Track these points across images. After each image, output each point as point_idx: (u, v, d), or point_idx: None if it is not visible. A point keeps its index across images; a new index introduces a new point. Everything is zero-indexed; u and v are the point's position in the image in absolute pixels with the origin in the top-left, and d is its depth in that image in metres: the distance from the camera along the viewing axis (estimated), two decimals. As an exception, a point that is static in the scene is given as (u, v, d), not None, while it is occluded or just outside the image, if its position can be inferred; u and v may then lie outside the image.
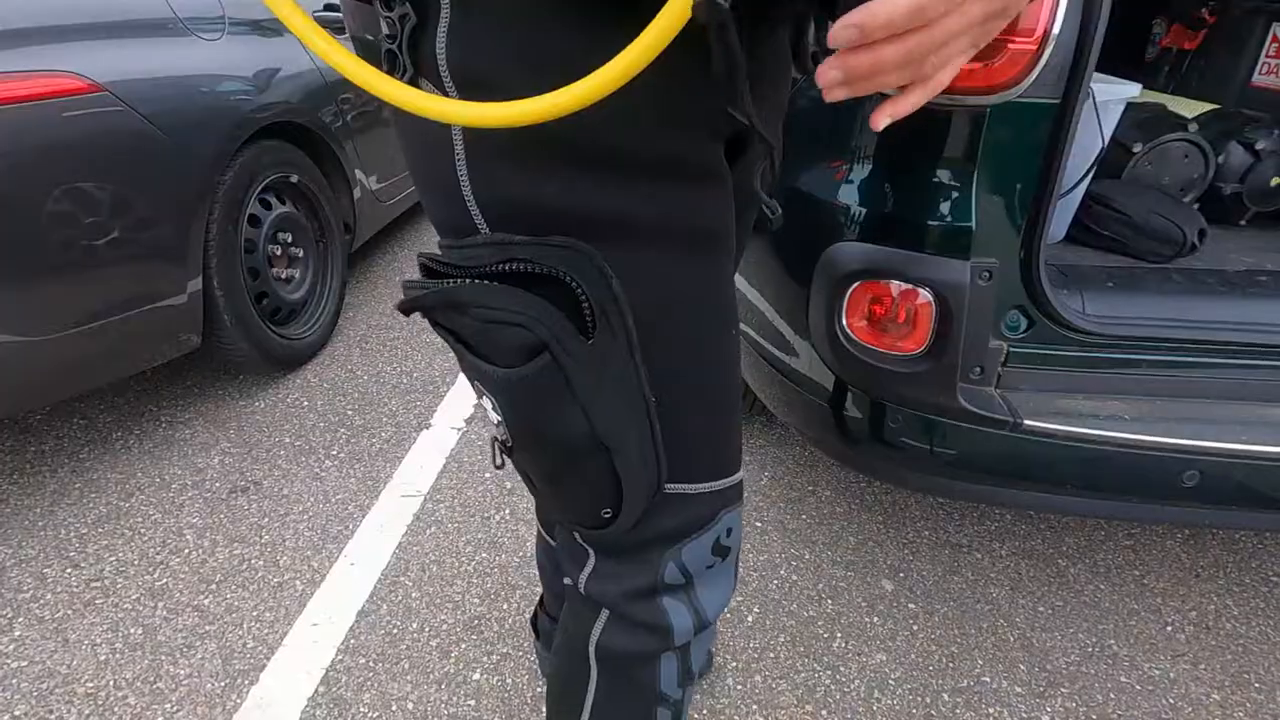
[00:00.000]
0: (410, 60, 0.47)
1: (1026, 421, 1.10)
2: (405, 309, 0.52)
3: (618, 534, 0.59)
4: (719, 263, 0.56)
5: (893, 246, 1.08)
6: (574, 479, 0.57)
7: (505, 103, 0.41)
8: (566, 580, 0.70)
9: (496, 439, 0.59)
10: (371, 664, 1.28)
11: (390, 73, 0.48)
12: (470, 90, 0.46)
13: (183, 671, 1.25)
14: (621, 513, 0.57)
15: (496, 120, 0.41)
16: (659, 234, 0.51)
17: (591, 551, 0.65)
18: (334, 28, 1.99)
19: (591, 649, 0.67)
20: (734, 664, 1.31)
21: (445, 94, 0.47)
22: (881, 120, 0.42)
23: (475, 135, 0.48)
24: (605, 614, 0.66)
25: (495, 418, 0.55)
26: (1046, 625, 1.40)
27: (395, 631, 1.34)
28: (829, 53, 0.39)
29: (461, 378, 2.16)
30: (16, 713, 1.18)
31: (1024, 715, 1.24)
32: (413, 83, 0.48)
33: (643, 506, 0.57)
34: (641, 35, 0.37)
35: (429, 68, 0.46)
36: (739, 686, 1.27)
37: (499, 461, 0.62)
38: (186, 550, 1.51)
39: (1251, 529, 1.60)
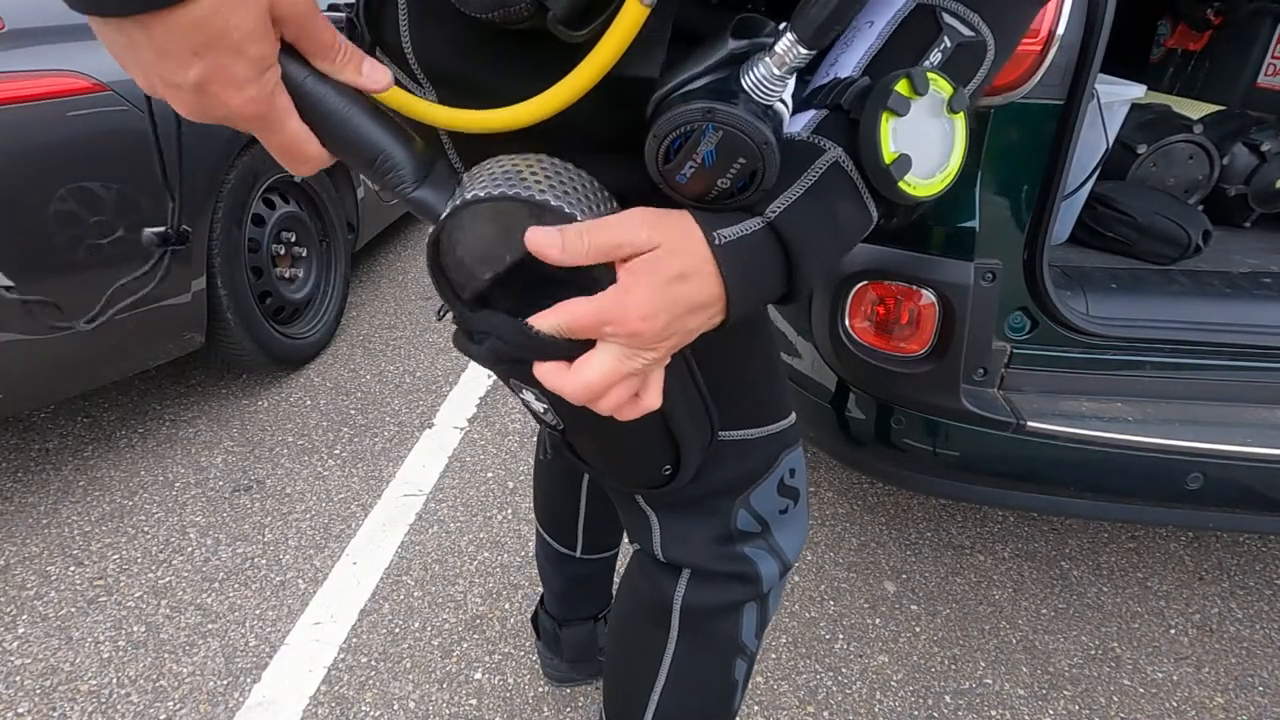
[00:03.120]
0: (369, 31, 0.48)
1: (1029, 423, 1.10)
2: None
3: (680, 488, 0.60)
4: None
5: (896, 247, 1.08)
6: (631, 444, 0.58)
7: (482, 111, 0.43)
8: (636, 546, 0.71)
9: (548, 426, 0.59)
10: (373, 663, 1.28)
11: (349, 40, 0.50)
12: (442, 86, 0.48)
13: (185, 669, 1.26)
14: (681, 467, 0.58)
15: (475, 125, 0.43)
16: (661, 197, 0.52)
17: (653, 515, 0.66)
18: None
19: (676, 609, 0.68)
20: (735, 665, 1.31)
21: (418, 84, 0.48)
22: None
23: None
24: (687, 573, 0.67)
25: (540, 406, 0.55)
26: (1049, 628, 1.40)
27: (397, 630, 1.34)
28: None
29: (464, 377, 2.16)
30: (20, 710, 1.18)
31: (1026, 718, 1.23)
32: (370, 53, 0.50)
33: (700, 457, 0.58)
34: (606, 36, 0.39)
35: (396, 55, 0.48)
36: (740, 687, 1.27)
37: (547, 453, 0.62)
38: (189, 549, 1.51)
39: (1255, 532, 1.59)
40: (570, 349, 0.42)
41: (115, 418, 1.92)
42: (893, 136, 0.41)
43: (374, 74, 0.41)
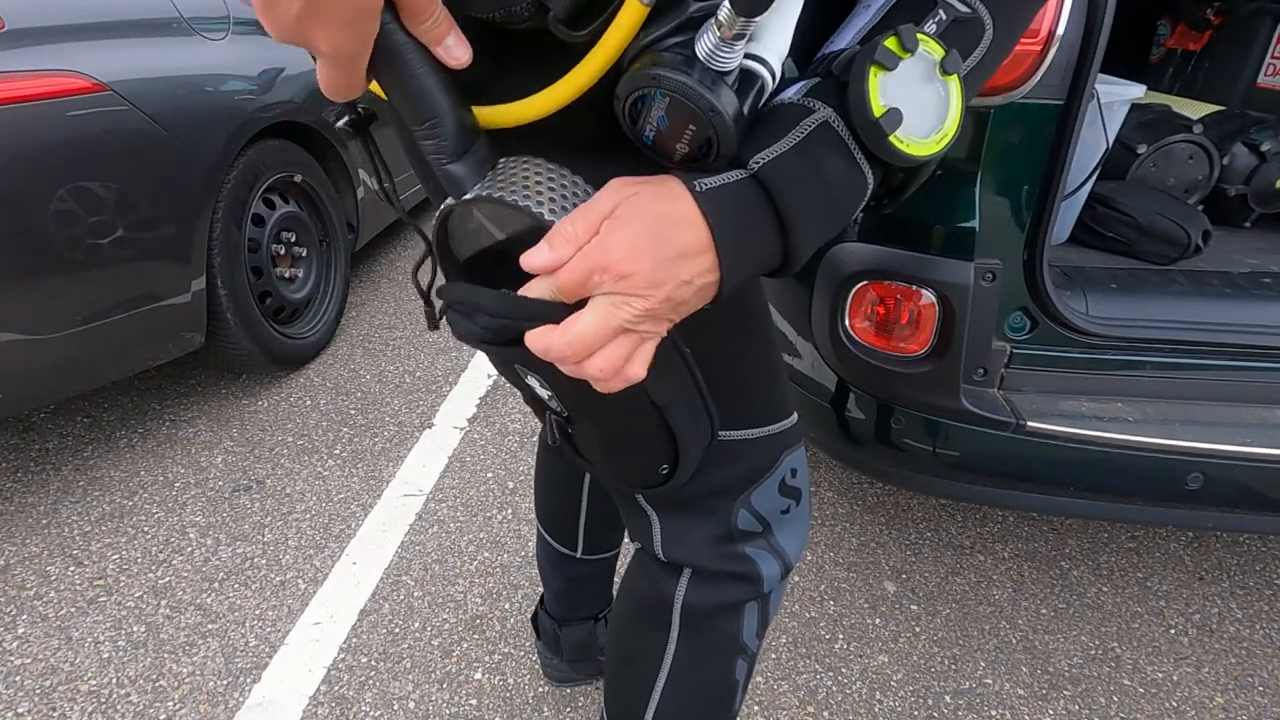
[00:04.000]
0: None
1: (1029, 423, 1.10)
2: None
3: (678, 488, 0.60)
4: None
5: (896, 247, 1.08)
6: (631, 441, 0.57)
7: (493, 106, 0.43)
8: (637, 545, 0.71)
9: (552, 412, 0.59)
10: (373, 663, 1.28)
11: None
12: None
13: (185, 669, 1.26)
14: (679, 467, 0.58)
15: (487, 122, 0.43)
16: None
17: (654, 514, 0.66)
18: None
19: (677, 608, 0.68)
20: (735, 665, 1.31)
21: None
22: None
23: None
24: (688, 573, 0.67)
25: (545, 393, 0.55)
26: (1049, 628, 1.40)
27: (397, 630, 1.34)
28: None
29: (464, 377, 2.16)
30: (20, 710, 1.18)
31: (1026, 718, 1.23)
32: None
33: (698, 458, 0.58)
34: (605, 36, 0.39)
35: None
36: (740, 687, 1.27)
37: (556, 439, 0.62)
38: (189, 549, 1.51)
39: (1255, 532, 1.59)
40: (562, 313, 0.42)
41: (115, 418, 1.92)
42: (881, 91, 0.41)
43: (456, 48, 0.40)
